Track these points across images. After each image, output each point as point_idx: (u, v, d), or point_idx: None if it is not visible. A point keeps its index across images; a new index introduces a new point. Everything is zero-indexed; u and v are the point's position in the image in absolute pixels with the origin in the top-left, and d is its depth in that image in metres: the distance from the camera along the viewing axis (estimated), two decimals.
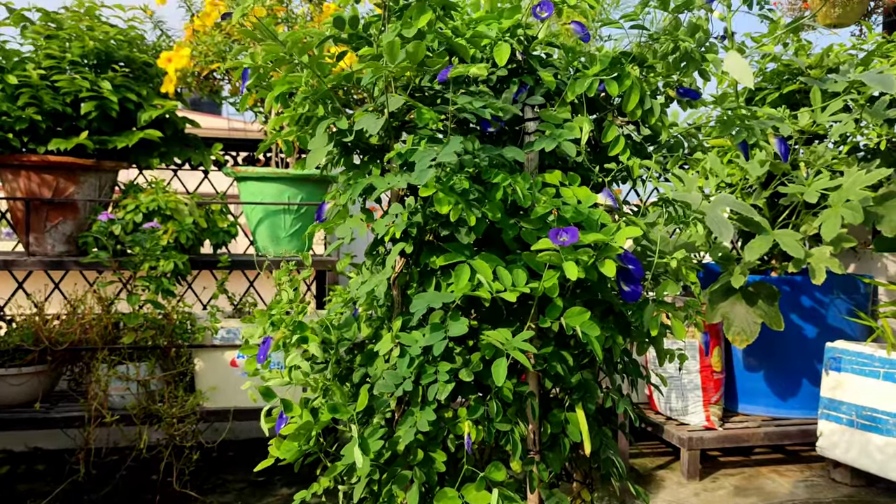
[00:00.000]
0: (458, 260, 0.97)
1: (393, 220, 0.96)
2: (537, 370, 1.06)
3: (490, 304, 1.04)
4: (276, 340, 1.03)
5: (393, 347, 0.96)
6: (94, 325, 2.26)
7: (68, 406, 2.32)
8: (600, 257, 0.94)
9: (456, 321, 0.95)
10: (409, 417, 0.97)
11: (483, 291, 0.92)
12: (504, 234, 1.02)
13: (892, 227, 2.26)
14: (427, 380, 0.95)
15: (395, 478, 0.98)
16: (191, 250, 2.46)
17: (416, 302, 0.95)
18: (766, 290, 2.48)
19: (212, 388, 2.32)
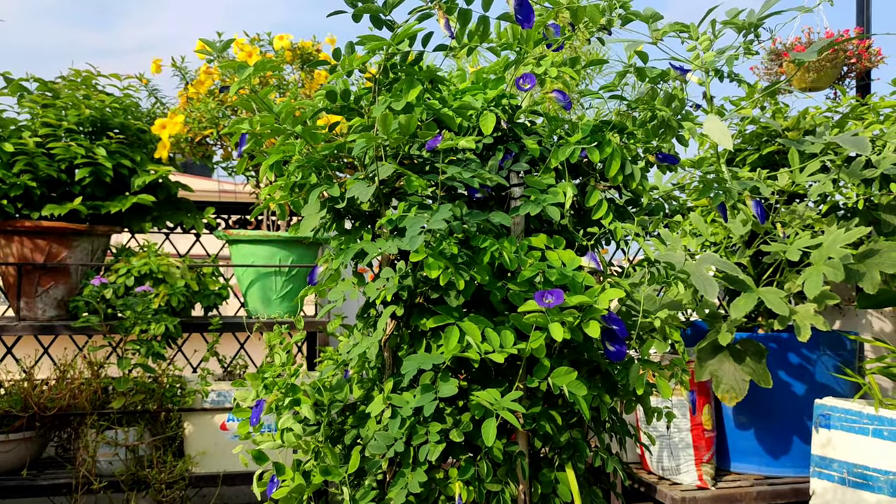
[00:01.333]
0: (447, 322, 0.99)
1: (384, 285, 0.99)
2: (527, 430, 1.08)
3: (479, 365, 1.06)
4: (269, 403, 1.04)
5: (384, 409, 0.97)
6: (84, 389, 2.25)
7: (55, 473, 2.29)
8: (585, 318, 0.97)
9: (446, 382, 0.96)
10: (400, 479, 0.98)
11: (472, 353, 0.94)
12: (492, 297, 1.04)
13: (874, 284, 2.31)
14: (418, 440, 0.96)
15: None
16: (182, 313, 2.47)
17: (406, 364, 0.97)
18: (754, 347, 2.51)
19: (201, 453, 2.30)
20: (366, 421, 1.05)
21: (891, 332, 2.88)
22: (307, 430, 1.07)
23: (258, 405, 1.04)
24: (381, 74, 1.01)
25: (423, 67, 1.02)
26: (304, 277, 2.73)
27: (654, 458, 2.83)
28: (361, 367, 1.09)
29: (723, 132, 1.64)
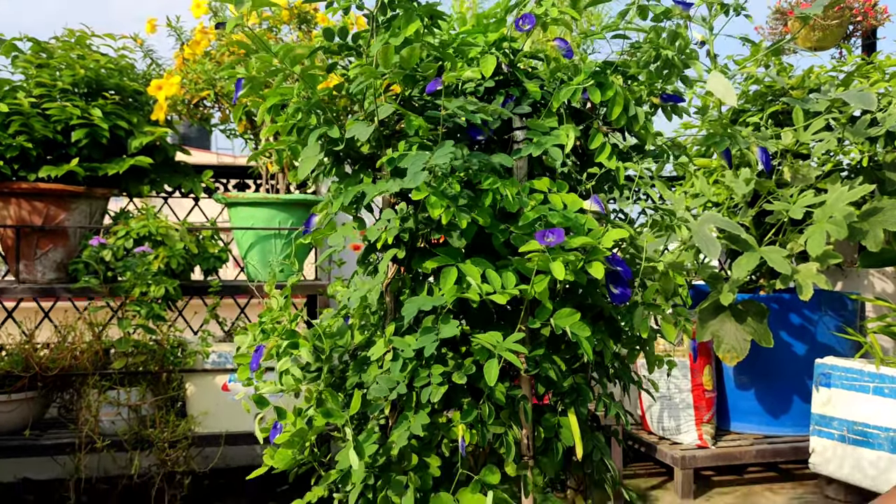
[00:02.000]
0: (448, 263, 0.98)
1: (385, 226, 0.97)
2: (529, 375, 1.07)
3: (481, 309, 1.05)
4: (269, 349, 1.03)
5: (386, 352, 0.96)
6: (85, 351, 2.25)
7: (58, 433, 2.30)
8: (589, 259, 0.96)
9: (447, 324, 0.95)
10: (403, 422, 0.98)
11: (472, 293, 0.93)
12: (494, 240, 1.03)
13: (877, 242, 2.29)
14: (420, 383, 0.95)
15: (391, 483, 0.98)
16: (181, 276, 2.46)
17: (407, 306, 0.96)
18: (755, 307, 2.50)
19: (203, 413, 2.31)
20: (367, 366, 1.05)
21: (893, 293, 2.87)
22: (308, 376, 1.06)
23: (258, 350, 1.04)
24: (378, 11, 0.99)
25: (422, 2, 1.00)
26: (299, 251, 2.72)
27: (654, 418, 2.84)
28: (362, 313, 1.08)
29: (727, 89, 1.61)
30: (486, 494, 0.96)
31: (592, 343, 0.99)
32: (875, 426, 2.34)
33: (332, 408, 0.97)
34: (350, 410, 0.96)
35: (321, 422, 0.97)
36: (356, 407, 0.95)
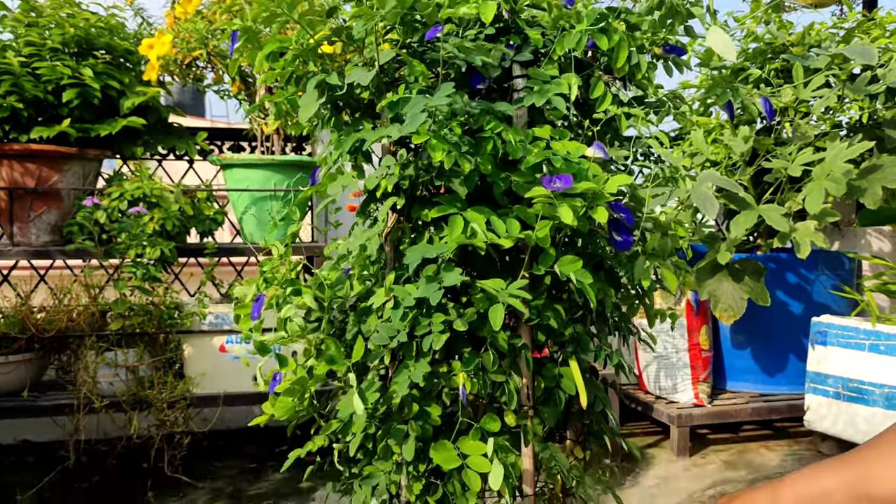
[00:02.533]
0: (450, 212, 0.97)
1: (385, 173, 0.96)
2: (530, 325, 1.07)
3: (483, 259, 1.05)
4: (269, 298, 1.02)
5: (387, 301, 0.96)
6: (81, 312, 2.24)
7: (57, 394, 2.30)
8: (592, 205, 0.95)
9: (450, 272, 0.95)
10: (403, 371, 0.97)
11: (478, 240, 0.92)
12: (495, 189, 1.02)
13: (875, 200, 2.29)
14: (421, 331, 0.95)
15: (391, 432, 0.98)
16: (177, 238, 2.45)
17: (409, 254, 0.95)
18: (752, 266, 2.51)
19: (201, 374, 2.31)
20: (367, 317, 1.04)
21: (890, 252, 2.88)
22: (308, 326, 1.06)
23: (258, 300, 1.03)
24: None
25: None
26: (300, 202, 2.70)
27: (651, 378, 2.86)
28: (362, 263, 1.07)
29: (726, 44, 1.59)
30: (487, 442, 0.97)
31: (595, 290, 0.98)
32: (870, 383, 2.35)
33: (334, 354, 0.96)
34: (353, 358, 0.95)
35: (322, 369, 0.97)
36: (358, 354, 0.95)
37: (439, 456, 0.97)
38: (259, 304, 1.01)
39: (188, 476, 2.38)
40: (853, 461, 0.92)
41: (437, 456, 0.97)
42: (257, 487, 2.38)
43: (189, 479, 2.38)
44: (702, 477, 2.42)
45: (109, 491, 2.34)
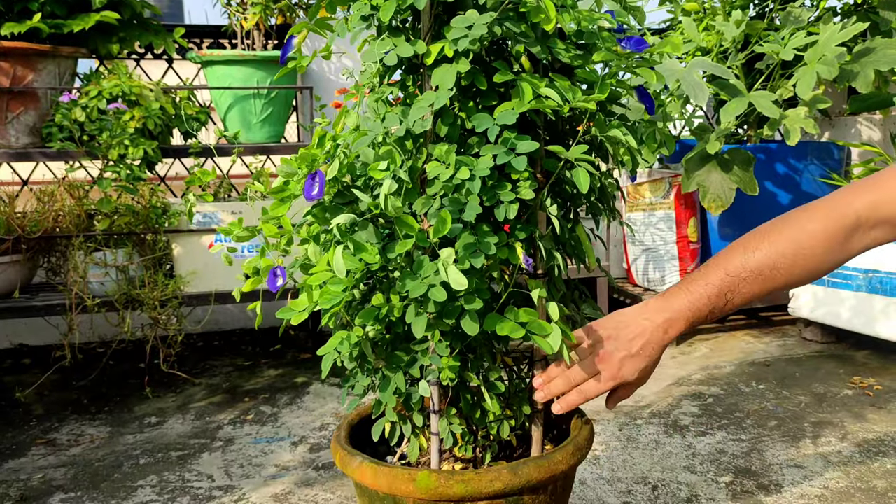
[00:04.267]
0: (509, 79, 0.93)
1: (459, 35, 0.89)
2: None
3: (531, 131, 1.02)
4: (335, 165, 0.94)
5: (455, 173, 0.91)
6: (67, 213, 2.23)
7: (49, 296, 2.31)
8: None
9: (523, 139, 0.92)
10: (469, 246, 0.93)
11: (549, 103, 0.90)
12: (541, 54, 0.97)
13: (867, 83, 2.26)
14: (491, 202, 0.92)
15: (447, 309, 0.95)
16: (160, 138, 2.41)
17: (477, 120, 0.91)
18: (741, 156, 2.49)
19: (192, 273, 2.32)
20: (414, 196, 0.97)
21: (880, 141, 2.86)
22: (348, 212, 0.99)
23: (317, 176, 0.95)
24: None
25: None
26: (284, 100, 2.65)
27: (639, 271, 2.88)
28: (401, 142, 1.01)
29: None
30: (550, 308, 0.96)
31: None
32: (853, 268, 2.38)
33: (407, 227, 0.91)
34: (439, 228, 0.89)
35: (373, 252, 0.92)
36: (446, 227, 0.89)
37: (504, 326, 0.95)
38: (319, 181, 0.95)
39: (185, 373, 2.43)
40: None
41: (500, 327, 0.95)
42: (253, 383, 2.43)
43: (186, 375, 2.43)
44: (688, 363, 2.48)
45: (107, 388, 2.39)
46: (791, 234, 1.00)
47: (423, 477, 1.00)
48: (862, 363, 2.42)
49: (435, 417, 1.06)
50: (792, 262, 0.99)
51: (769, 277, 1.01)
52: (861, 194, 0.99)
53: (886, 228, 0.98)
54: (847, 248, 0.99)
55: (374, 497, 1.07)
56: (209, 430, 2.04)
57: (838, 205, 1.00)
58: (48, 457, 1.89)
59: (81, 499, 1.66)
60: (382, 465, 1.04)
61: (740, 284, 1.01)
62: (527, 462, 1.04)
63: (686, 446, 1.84)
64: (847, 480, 1.64)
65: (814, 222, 0.99)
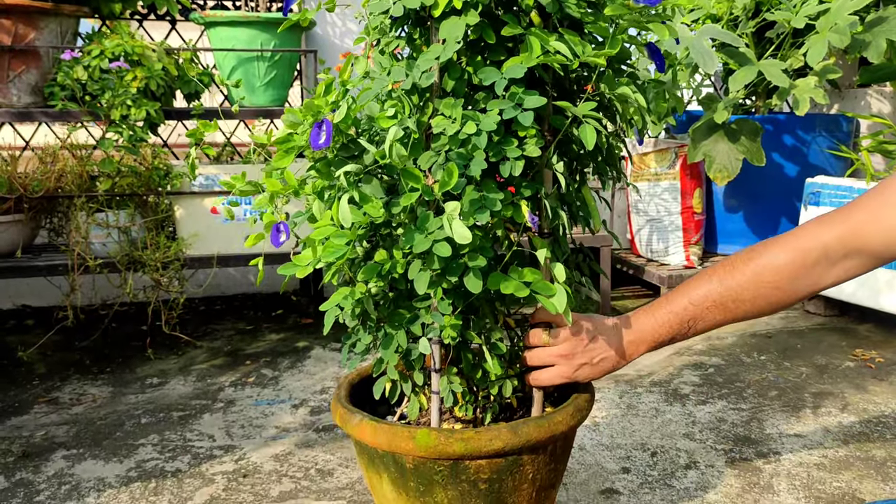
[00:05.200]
0: (517, 32, 0.91)
1: None
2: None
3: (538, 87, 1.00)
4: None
5: (461, 128, 0.89)
6: (69, 173, 2.22)
7: (52, 256, 2.31)
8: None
9: (531, 95, 0.90)
10: (475, 200, 0.92)
11: (558, 58, 0.88)
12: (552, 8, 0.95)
13: (879, 53, 2.23)
14: (497, 157, 0.91)
15: (451, 267, 0.94)
16: (162, 100, 2.39)
17: (484, 74, 0.89)
18: (749, 126, 2.47)
19: (194, 235, 2.31)
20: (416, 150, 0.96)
21: (889, 113, 2.83)
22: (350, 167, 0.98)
23: (323, 125, 0.94)
24: None
25: None
26: (288, 63, 2.62)
27: (643, 242, 2.87)
28: (407, 96, 0.99)
29: None
30: (554, 267, 0.95)
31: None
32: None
33: (412, 179, 0.89)
34: (445, 181, 0.88)
35: (377, 206, 0.91)
36: (453, 179, 0.88)
37: (508, 284, 0.94)
38: (326, 129, 0.93)
39: (187, 336, 2.43)
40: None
41: (504, 285, 0.95)
42: (255, 347, 2.43)
43: (188, 338, 2.44)
44: None
45: (109, 349, 2.39)
46: (755, 268, 1.03)
47: (423, 435, 1.00)
48: (864, 336, 2.42)
49: (436, 376, 1.06)
50: (754, 294, 1.03)
51: (732, 309, 1.05)
52: (830, 227, 1.00)
53: (862, 258, 0.98)
54: (815, 281, 1.01)
55: (374, 455, 1.08)
56: (210, 391, 2.05)
57: (805, 238, 1.01)
58: (50, 415, 1.90)
59: (83, 456, 1.67)
60: (382, 423, 1.04)
61: (704, 313, 1.06)
62: (527, 422, 1.04)
63: (686, 414, 1.84)
64: (846, 450, 1.64)
65: (778, 257, 1.02)
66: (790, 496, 1.46)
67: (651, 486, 1.51)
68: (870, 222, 0.95)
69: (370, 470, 1.11)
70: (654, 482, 1.52)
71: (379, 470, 1.09)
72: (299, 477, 1.56)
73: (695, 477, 1.54)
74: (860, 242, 0.97)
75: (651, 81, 1.06)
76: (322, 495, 1.49)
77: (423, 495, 1.05)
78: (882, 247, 0.95)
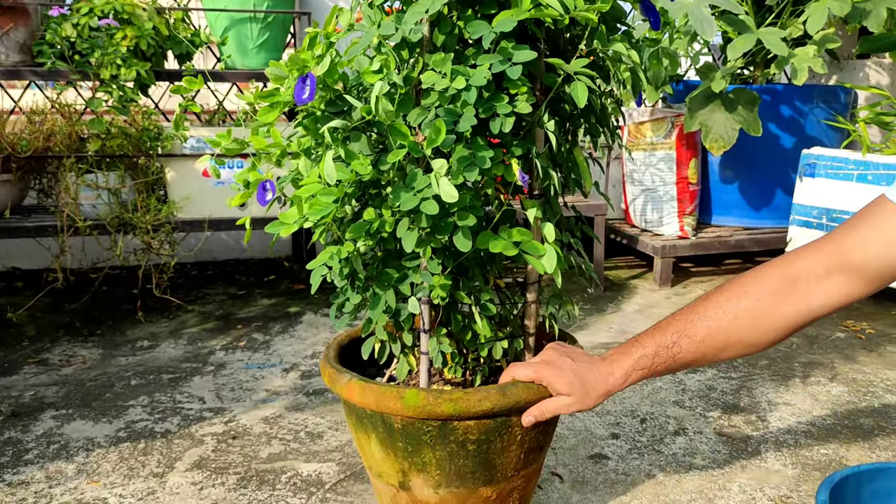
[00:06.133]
0: None
1: None
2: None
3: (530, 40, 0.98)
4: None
5: (450, 85, 0.88)
6: (57, 132, 2.19)
7: (41, 217, 2.29)
8: None
9: (521, 49, 0.88)
10: (465, 158, 0.91)
11: (549, 12, 0.86)
12: None
13: (879, 22, 2.20)
14: (486, 114, 0.89)
15: (440, 226, 0.92)
16: (153, 60, 2.35)
17: (473, 28, 0.88)
18: (747, 95, 2.44)
19: (185, 198, 2.29)
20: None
21: (888, 85, 2.81)
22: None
23: (307, 79, 0.92)
24: None
25: None
26: (281, 25, 2.58)
27: (637, 211, 2.86)
28: (396, 51, 0.98)
29: None
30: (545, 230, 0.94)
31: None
32: (854, 212, 2.36)
33: (400, 129, 0.87)
34: (433, 137, 0.86)
35: (365, 163, 0.90)
36: (441, 136, 0.86)
37: (497, 243, 0.93)
38: (311, 82, 0.90)
39: (178, 301, 2.42)
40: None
41: (493, 244, 0.93)
42: (246, 311, 2.42)
43: (179, 301, 2.43)
44: (681, 305, 2.47)
45: (99, 312, 2.38)
46: (725, 314, 1.00)
47: (412, 395, 1.00)
48: (856, 307, 2.42)
49: (425, 337, 1.06)
50: (726, 337, 1.00)
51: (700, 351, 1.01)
52: (809, 253, 0.98)
53: (843, 278, 0.95)
54: (797, 307, 0.97)
55: (362, 415, 1.07)
56: (201, 355, 2.05)
57: (783, 267, 0.99)
58: (40, 375, 1.89)
59: (73, 416, 1.66)
60: (371, 383, 1.04)
61: (673, 349, 1.02)
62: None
63: (676, 382, 1.84)
64: (834, 419, 1.65)
65: (747, 298, 0.99)
66: (777, 462, 1.46)
67: (640, 451, 1.51)
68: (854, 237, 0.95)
69: (358, 430, 1.11)
70: (643, 448, 1.53)
71: (367, 430, 1.08)
72: (289, 439, 1.57)
73: (683, 443, 1.54)
74: (847, 259, 0.95)
75: (646, 39, 1.03)
76: (311, 457, 1.49)
77: (412, 455, 1.05)
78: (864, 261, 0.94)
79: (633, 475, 1.42)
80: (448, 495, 1.08)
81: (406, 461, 1.06)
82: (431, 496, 1.08)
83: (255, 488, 1.38)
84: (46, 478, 1.41)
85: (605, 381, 1.03)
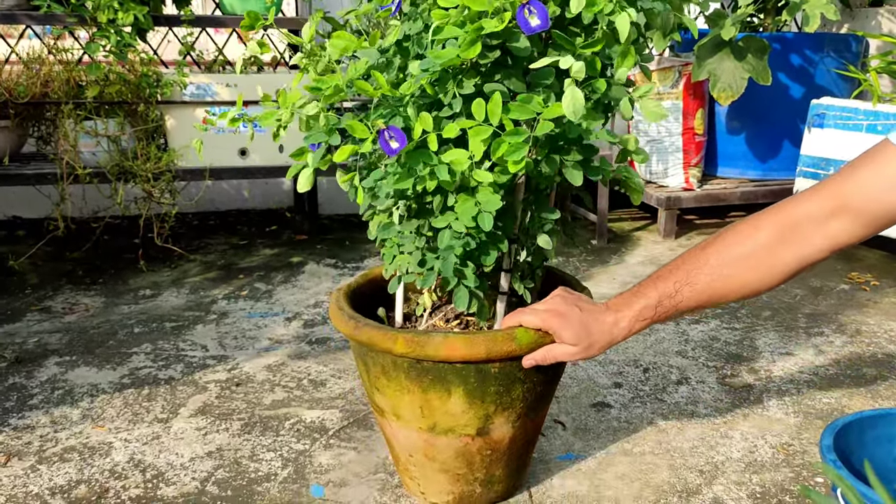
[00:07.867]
0: None
1: None
2: None
3: None
4: None
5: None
6: (56, 78, 2.15)
7: (41, 165, 2.27)
8: None
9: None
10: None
11: None
12: None
13: None
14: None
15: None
16: (151, 4, 2.30)
17: None
18: (756, 43, 2.39)
19: (185, 147, 2.26)
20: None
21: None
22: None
23: (531, 6, 0.89)
24: None
25: None
26: None
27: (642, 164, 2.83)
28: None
29: None
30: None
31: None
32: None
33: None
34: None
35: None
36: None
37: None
38: (533, 10, 0.88)
39: (180, 250, 2.41)
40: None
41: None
42: (248, 261, 2.42)
43: (181, 250, 2.42)
44: None
45: (101, 260, 2.38)
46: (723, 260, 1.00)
47: (523, 334, 1.02)
48: (860, 259, 2.41)
49: (505, 277, 1.06)
50: (727, 283, 1.00)
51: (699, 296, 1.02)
52: (808, 198, 0.97)
53: (842, 221, 0.95)
54: (796, 253, 0.97)
55: (446, 372, 1.03)
56: (203, 303, 2.04)
57: (783, 213, 0.99)
58: (43, 322, 1.90)
59: (76, 362, 1.67)
60: (475, 334, 1.02)
61: (675, 297, 1.02)
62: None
63: (679, 333, 1.84)
64: (837, 368, 1.65)
65: (743, 245, 0.99)
66: (779, 411, 1.47)
67: (642, 399, 1.52)
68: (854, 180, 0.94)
69: (430, 391, 1.06)
70: (646, 396, 1.53)
71: (449, 387, 1.04)
72: (292, 387, 1.57)
73: (686, 392, 1.55)
74: (850, 200, 0.94)
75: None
76: (315, 404, 1.50)
77: (502, 396, 1.06)
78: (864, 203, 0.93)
79: (636, 423, 1.43)
80: (519, 425, 1.10)
81: (493, 404, 1.06)
82: (507, 431, 1.09)
83: (258, 434, 1.38)
84: (51, 422, 1.42)
85: (609, 332, 1.03)
